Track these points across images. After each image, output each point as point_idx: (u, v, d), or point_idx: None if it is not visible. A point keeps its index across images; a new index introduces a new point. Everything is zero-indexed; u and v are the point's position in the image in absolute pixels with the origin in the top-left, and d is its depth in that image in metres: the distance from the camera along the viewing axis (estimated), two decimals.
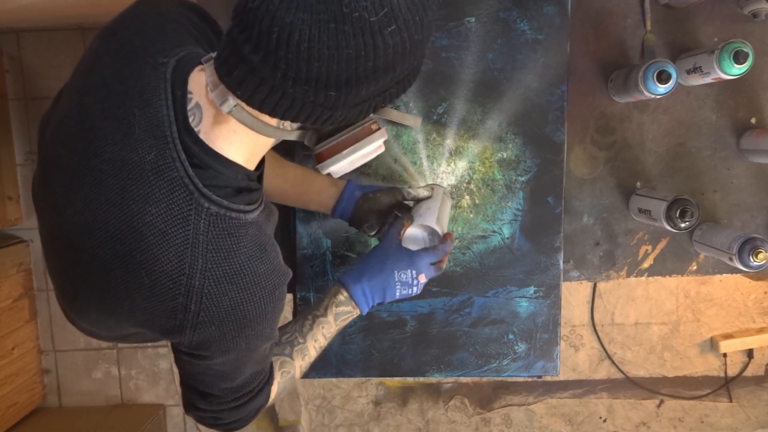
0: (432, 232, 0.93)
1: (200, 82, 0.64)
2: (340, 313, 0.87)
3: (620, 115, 1.17)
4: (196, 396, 0.74)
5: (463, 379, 2.14)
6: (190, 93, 0.64)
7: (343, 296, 0.88)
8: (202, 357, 0.69)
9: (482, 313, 1.11)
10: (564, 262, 1.12)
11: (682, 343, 2.13)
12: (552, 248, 1.10)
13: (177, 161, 0.62)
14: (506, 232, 1.10)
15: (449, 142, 1.08)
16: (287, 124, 0.67)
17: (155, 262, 0.62)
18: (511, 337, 1.11)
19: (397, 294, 0.89)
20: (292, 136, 0.68)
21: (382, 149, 0.78)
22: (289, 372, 0.84)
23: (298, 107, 0.58)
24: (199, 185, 0.62)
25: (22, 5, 1.51)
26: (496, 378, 1.95)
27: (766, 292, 2.11)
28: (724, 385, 2.12)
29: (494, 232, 1.10)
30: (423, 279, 0.89)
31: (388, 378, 2.08)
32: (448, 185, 1.10)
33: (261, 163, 0.73)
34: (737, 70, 0.99)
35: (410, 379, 2.13)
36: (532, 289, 1.10)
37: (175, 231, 0.62)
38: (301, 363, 0.86)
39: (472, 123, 1.08)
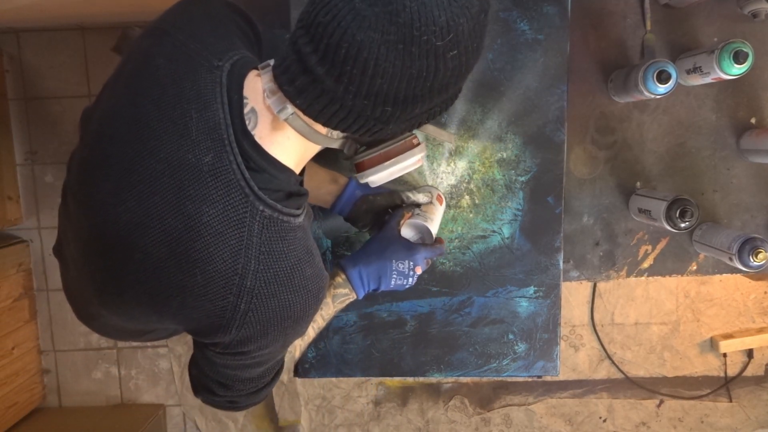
0: (427, 232, 0.95)
1: (256, 87, 0.66)
2: (338, 295, 0.89)
3: (620, 115, 1.17)
4: (214, 384, 0.75)
5: (463, 379, 2.14)
6: (246, 98, 0.66)
7: (341, 278, 0.89)
8: (238, 354, 0.70)
9: (482, 313, 1.11)
10: (564, 262, 1.12)
11: (682, 343, 2.13)
12: (552, 248, 1.10)
13: (234, 164, 0.63)
14: (506, 232, 1.10)
15: (449, 142, 1.08)
16: (335, 133, 0.69)
17: (210, 262, 0.63)
18: (511, 337, 1.11)
19: (392, 283, 0.90)
20: (336, 145, 0.70)
21: (421, 163, 0.81)
22: (290, 352, 0.86)
23: (353, 119, 0.60)
24: (254, 188, 0.64)
25: (22, 5, 1.51)
26: (496, 378, 1.95)
27: (766, 292, 2.11)
28: (724, 385, 2.12)
29: (494, 232, 1.10)
30: (419, 271, 0.91)
31: (388, 378, 2.08)
32: (448, 185, 1.10)
33: (303, 168, 0.75)
34: (737, 70, 0.99)
35: (410, 379, 2.13)
36: (532, 289, 1.10)
37: (231, 232, 0.63)
38: (300, 343, 0.88)
39: (472, 123, 1.08)
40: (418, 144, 0.78)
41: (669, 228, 1.06)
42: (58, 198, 0.86)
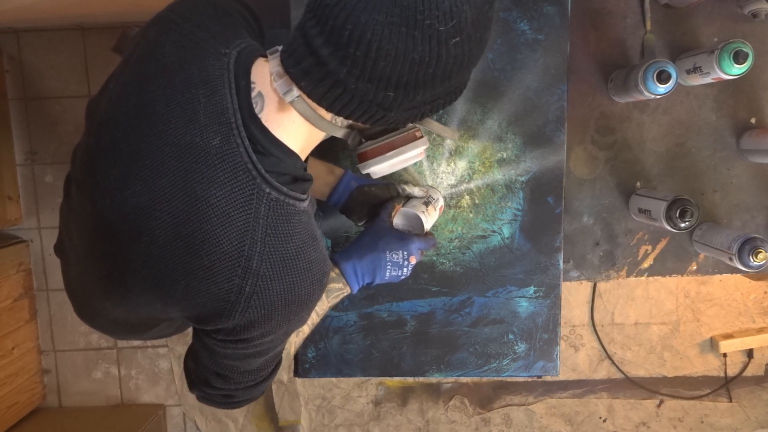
0: (418, 221, 0.95)
1: (263, 72, 0.67)
2: (332, 290, 0.89)
3: (620, 115, 1.17)
4: (212, 376, 0.75)
5: (463, 379, 2.14)
6: (253, 83, 0.67)
7: (334, 273, 0.89)
8: (240, 341, 0.70)
9: (482, 313, 1.11)
10: (564, 262, 1.12)
11: (682, 343, 2.13)
12: (552, 248, 1.10)
13: (241, 146, 0.64)
14: (506, 232, 1.10)
15: (449, 142, 1.08)
16: (340, 120, 0.70)
17: (217, 243, 0.64)
18: (511, 337, 1.11)
19: (387, 275, 0.90)
20: (340, 133, 0.71)
21: (423, 156, 0.83)
22: (286, 349, 0.86)
23: (356, 104, 0.61)
24: (261, 170, 0.65)
25: (22, 5, 1.51)
26: (496, 378, 1.95)
27: (766, 292, 2.11)
28: (724, 385, 2.12)
29: (494, 232, 1.10)
30: (413, 261, 0.91)
31: (388, 378, 2.08)
32: (448, 185, 1.10)
33: (306, 158, 0.75)
34: (737, 70, 0.99)
35: (410, 379, 2.13)
36: (532, 289, 1.10)
37: (238, 214, 0.64)
38: (295, 339, 0.88)
39: (472, 123, 1.08)
40: (421, 137, 0.79)
41: (669, 228, 1.06)
42: (58, 198, 0.87)
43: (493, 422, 2.16)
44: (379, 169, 0.79)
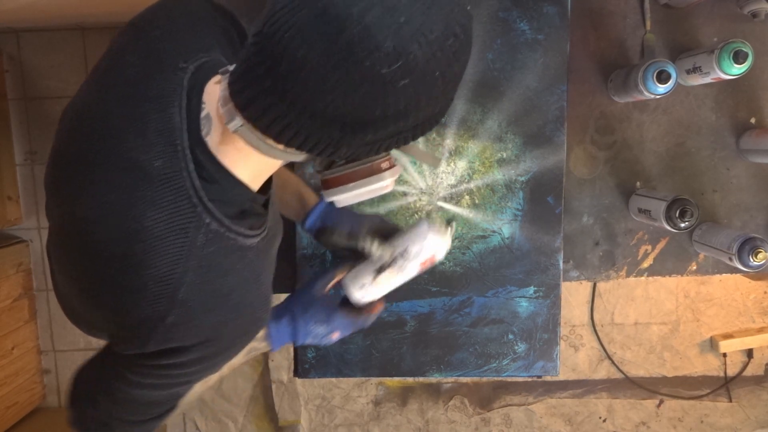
0: (361, 293, 0.89)
1: (215, 93, 0.63)
2: (252, 348, 0.86)
3: (620, 115, 1.17)
4: (101, 395, 0.70)
5: (463, 379, 2.14)
6: (204, 103, 0.63)
7: (264, 345, 0.87)
8: (148, 366, 0.66)
9: (482, 313, 1.11)
10: (564, 262, 1.12)
11: (682, 343, 2.13)
12: (552, 248, 1.10)
13: (185, 171, 0.61)
14: (506, 232, 1.10)
15: (449, 142, 1.08)
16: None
17: (148, 266, 0.61)
18: (510, 337, 1.11)
19: (306, 341, 0.89)
20: (300, 158, 0.66)
21: (390, 188, 0.72)
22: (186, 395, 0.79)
23: (303, 137, 0.56)
24: (203, 198, 0.61)
25: (22, 5, 1.51)
26: (495, 378, 1.95)
27: (765, 292, 2.11)
28: (723, 385, 2.12)
29: (494, 232, 1.10)
30: (335, 337, 0.89)
31: (387, 378, 2.08)
32: (448, 185, 1.09)
33: (269, 187, 0.71)
34: (737, 70, 0.99)
35: (410, 379, 2.13)
36: (532, 289, 1.10)
37: (173, 239, 0.60)
38: (199, 388, 0.82)
39: (472, 123, 1.08)
40: (390, 168, 0.71)
41: (669, 228, 1.06)
42: None
43: (493, 422, 2.16)
44: (343, 198, 0.72)
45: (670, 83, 1.00)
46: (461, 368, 1.12)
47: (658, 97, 1.02)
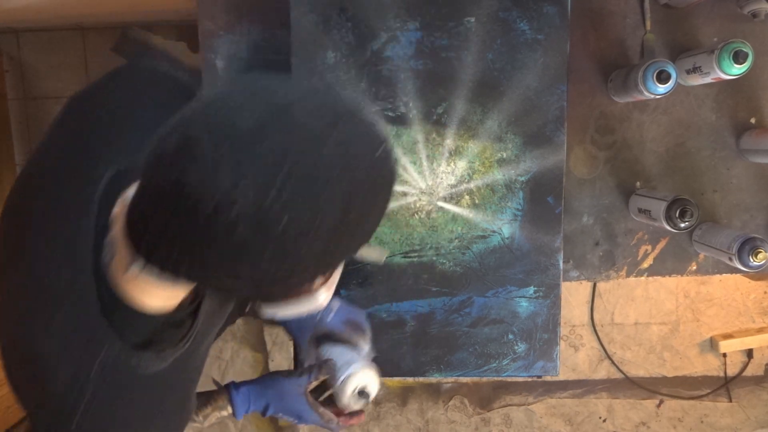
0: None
1: (123, 212, 0.54)
2: (217, 420, 0.87)
3: (620, 115, 1.17)
4: None
5: (463, 379, 2.14)
6: (111, 220, 0.56)
7: (227, 412, 0.87)
8: None
9: (482, 313, 1.11)
10: (564, 262, 1.12)
11: (682, 343, 2.13)
12: (552, 248, 1.10)
13: (87, 296, 0.58)
14: (506, 232, 1.10)
15: (449, 142, 1.08)
16: None
17: (46, 385, 0.59)
18: (510, 337, 1.11)
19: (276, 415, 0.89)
20: None
21: (323, 306, 0.67)
22: None
23: (206, 285, 0.54)
24: (102, 327, 0.58)
25: (22, 5, 1.51)
26: (495, 378, 1.95)
27: (766, 292, 2.11)
28: (723, 385, 2.12)
29: (494, 232, 1.10)
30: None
31: (387, 378, 2.08)
32: (448, 185, 1.09)
33: (201, 291, 0.64)
34: (737, 70, 0.99)
35: (410, 379, 2.13)
36: (532, 289, 1.10)
37: (65, 367, 0.58)
38: None
39: (471, 123, 1.08)
40: (321, 285, 0.65)
41: (669, 228, 1.06)
42: None
43: (493, 422, 2.16)
44: (275, 313, 0.67)
45: (670, 83, 1.00)
46: (461, 368, 1.12)
47: (658, 97, 1.02)
